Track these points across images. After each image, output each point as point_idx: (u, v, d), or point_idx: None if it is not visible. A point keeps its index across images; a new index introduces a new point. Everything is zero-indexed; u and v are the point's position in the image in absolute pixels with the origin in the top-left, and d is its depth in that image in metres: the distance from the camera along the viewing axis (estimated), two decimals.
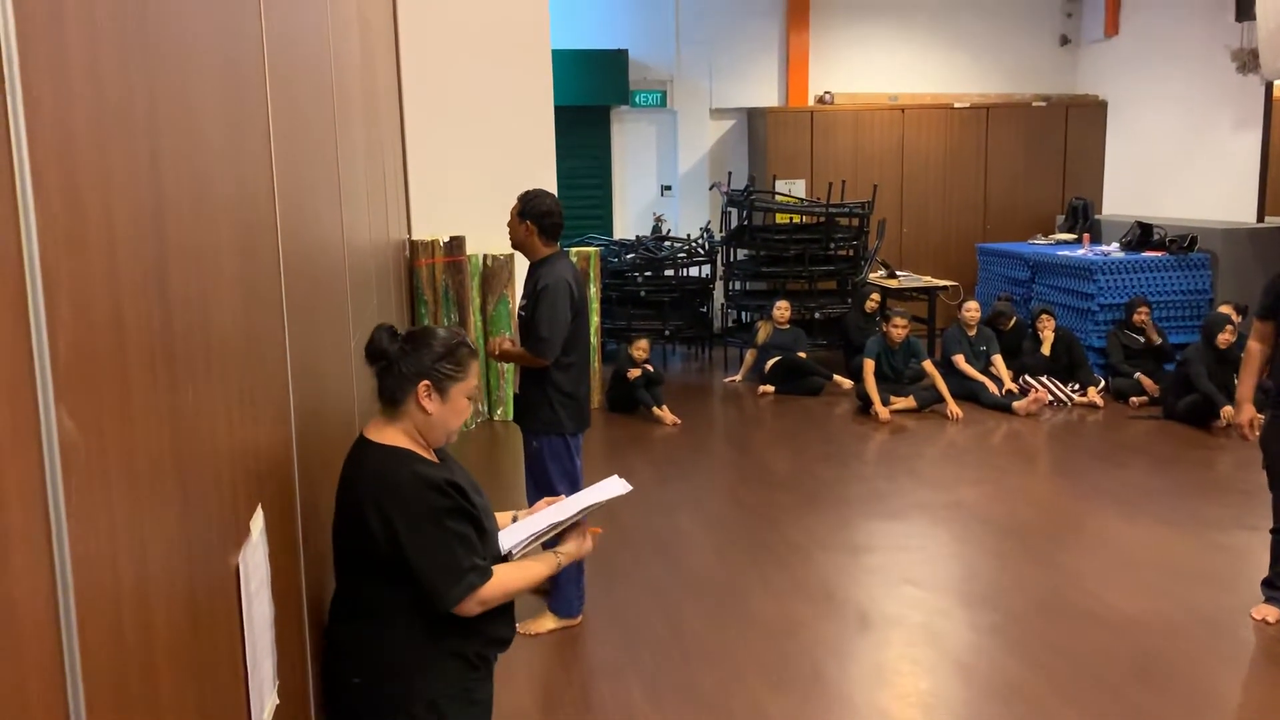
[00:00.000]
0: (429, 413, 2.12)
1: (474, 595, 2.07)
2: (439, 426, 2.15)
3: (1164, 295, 8.33)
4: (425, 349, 2.12)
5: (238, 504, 1.42)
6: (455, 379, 2.14)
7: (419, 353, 2.12)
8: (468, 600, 2.07)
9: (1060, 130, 10.72)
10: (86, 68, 0.91)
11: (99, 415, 0.89)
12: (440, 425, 2.15)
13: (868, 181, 9.88)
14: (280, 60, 1.94)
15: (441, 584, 2.04)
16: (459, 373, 2.15)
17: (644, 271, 8.96)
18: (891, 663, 3.80)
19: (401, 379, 2.11)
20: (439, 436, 2.17)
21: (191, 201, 1.23)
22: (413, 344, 2.13)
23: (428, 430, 2.15)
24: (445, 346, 2.14)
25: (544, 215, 3.86)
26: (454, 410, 2.16)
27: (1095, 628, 4.00)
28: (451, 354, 2.14)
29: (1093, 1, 10.74)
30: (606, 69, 10.01)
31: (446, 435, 2.19)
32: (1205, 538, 4.95)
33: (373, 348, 2.13)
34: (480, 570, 2.09)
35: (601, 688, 3.66)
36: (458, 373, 2.14)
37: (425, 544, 2.03)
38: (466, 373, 2.17)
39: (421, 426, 2.14)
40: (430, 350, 2.12)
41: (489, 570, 2.11)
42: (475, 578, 2.07)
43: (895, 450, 6.61)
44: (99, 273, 0.91)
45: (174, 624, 1.08)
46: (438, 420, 2.14)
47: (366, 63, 4.48)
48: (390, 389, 2.13)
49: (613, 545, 4.89)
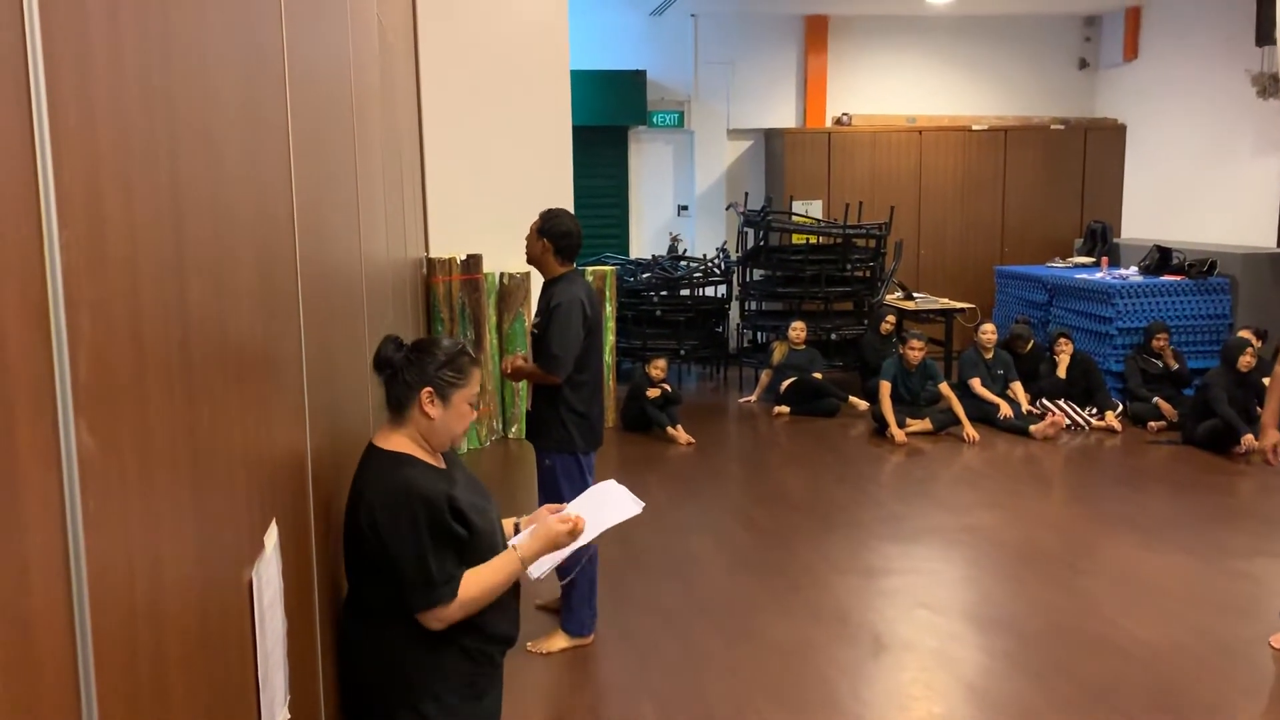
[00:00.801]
0: (432, 418, 2.22)
1: (435, 611, 2.14)
2: (442, 431, 2.25)
3: (1183, 320, 8.27)
4: (428, 357, 2.23)
5: (252, 518, 1.42)
6: (457, 385, 2.24)
7: (422, 361, 2.23)
8: (429, 613, 2.14)
9: (1079, 153, 10.70)
10: (111, 89, 0.93)
11: (118, 430, 0.90)
12: (443, 430, 2.25)
13: (885, 203, 9.88)
14: (300, 79, 1.97)
15: (410, 592, 2.13)
16: (460, 379, 2.25)
17: (660, 291, 8.97)
18: (905, 687, 3.77)
19: (406, 386, 2.22)
20: (443, 441, 2.27)
21: (211, 219, 1.24)
22: (416, 353, 2.24)
23: (431, 435, 2.24)
24: (447, 355, 2.25)
25: (562, 236, 3.88)
26: (456, 415, 2.25)
27: (1112, 654, 3.96)
28: (453, 361, 2.24)
29: (1112, 25, 10.73)
30: (625, 89, 10.06)
31: (450, 440, 2.28)
32: (1225, 565, 4.89)
33: (379, 357, 2.24)
34: (449, 585, 2.15)
35: (613, 707, 3.65)
36: (459, 379, 2.25)
37: (402, 550, 2.11)
38: (468, 379, 2.27)
39: (425, 432, 2.23)
40: (433, 358, 2.23)
41: (456, 585, 2.16)
42: (444, 592, 2.14)
43: (910, 473, 6.58)
44: (120, 287, 0.92)
45: (187, 638, 1.09)
46: (440, 425, 2.23)
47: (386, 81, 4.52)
48: (396, 396, 2.24)
49: (625, 565, 4.88)
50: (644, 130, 10.51)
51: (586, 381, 3.94)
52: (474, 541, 2.20)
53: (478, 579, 2.19)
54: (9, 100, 0.73)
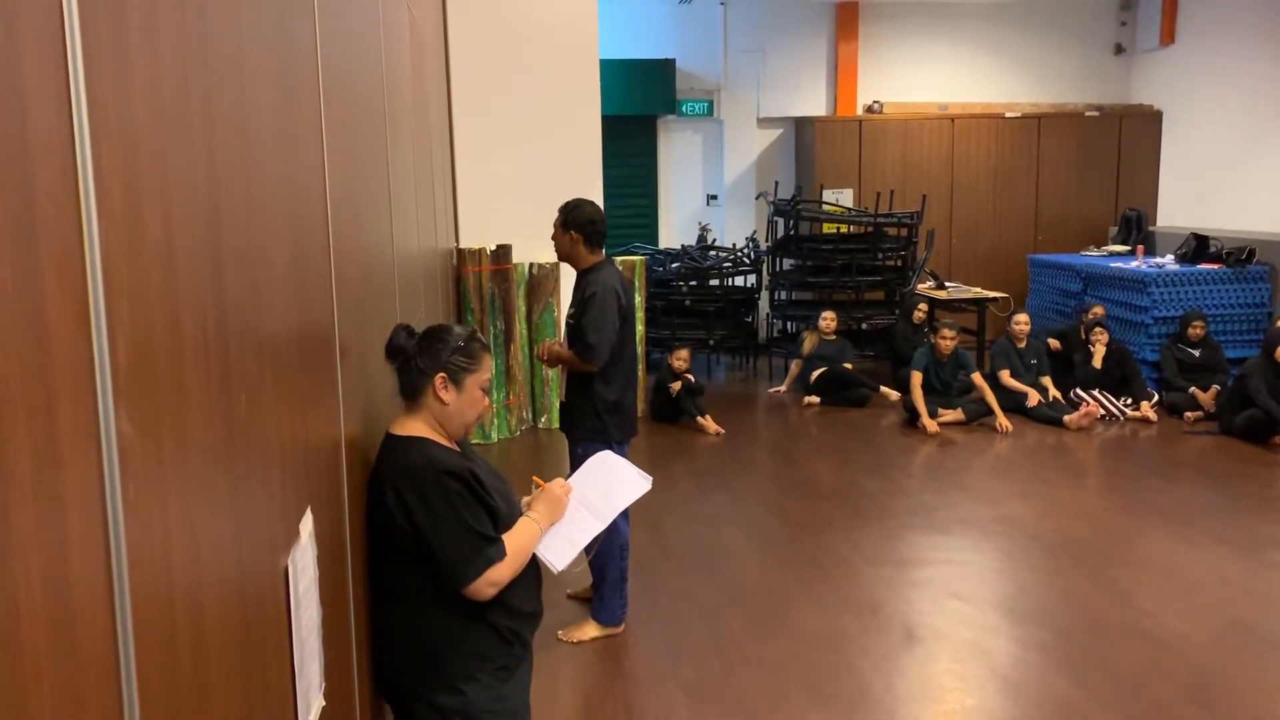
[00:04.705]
0: (446, 403, 2.25)
1: (488, 574, 2.16)
2: (456, 417, 2.27)
3: (1220, 308, 8.15)
4: (440, 344, 2.26)
5: (287, 506, 1.43)
6: (469, 370, 2.27)
7: (434, 348, 2.25)
8: (481, 579, 2.16)
9: (1114, 140, 10.56)
10: (148, 77, 0.93)
11: (156, 417, 0.90)
12: (457, 416, 2.27)
13: (916, 191, 9.79)
14: (333, 68, 1.97)
15: (458, 561, 2.15)
16: (472, 364, 2.28)
17: (689, 281, 8.95)
18: (938, 678, 3.75)
19: (419, 374, 2.25)
20: (457, 427, 2.29)
21: (245, 207, 1.25)
22: (428, 340, 2.27)
23: (446, 421, 2.27)
24: (459, 340, 2.28)
25: (588, 223, 3.88)
26: (470, 401, 2.28)
27: (1148, 646, 3.92)
28: (465, 347, 2.28)
29: (1148, 10, 10.56)
30: (654, 78, 10.03)
31: (465, 426, 2.31)
32: (1263, 556, 4.82)
33: (391, 345, 2.27)
34: (495, 545, 2.19)
35: (643, 696, 3.65)
36: (471, 365, 2.27)
37: (440, 524, 2.14)
38: (479, 364, 2.29)
39: (440, 417, 2.26)
40: (445, 345, 2.26)
41: (503, 546, 2.21)
42: (492, 553, 2.17)
43: (942, 463, 6.53)
44: (157, 277, 0.92)
45: (225, 626, 1.09)
46: (454, 411, 2.26)
47: (417, 73, 4.53)
48: (409, 384, 2.27)
49: (655, 555, 4.88)
50: (673, 119, 10.48)
51: (620, 371, 3.93)
52: (496, 519, 2.25)
53: (513, 539, 2.25)
54: (49, 93, 0.73)
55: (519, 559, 2.25)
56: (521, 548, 2.27)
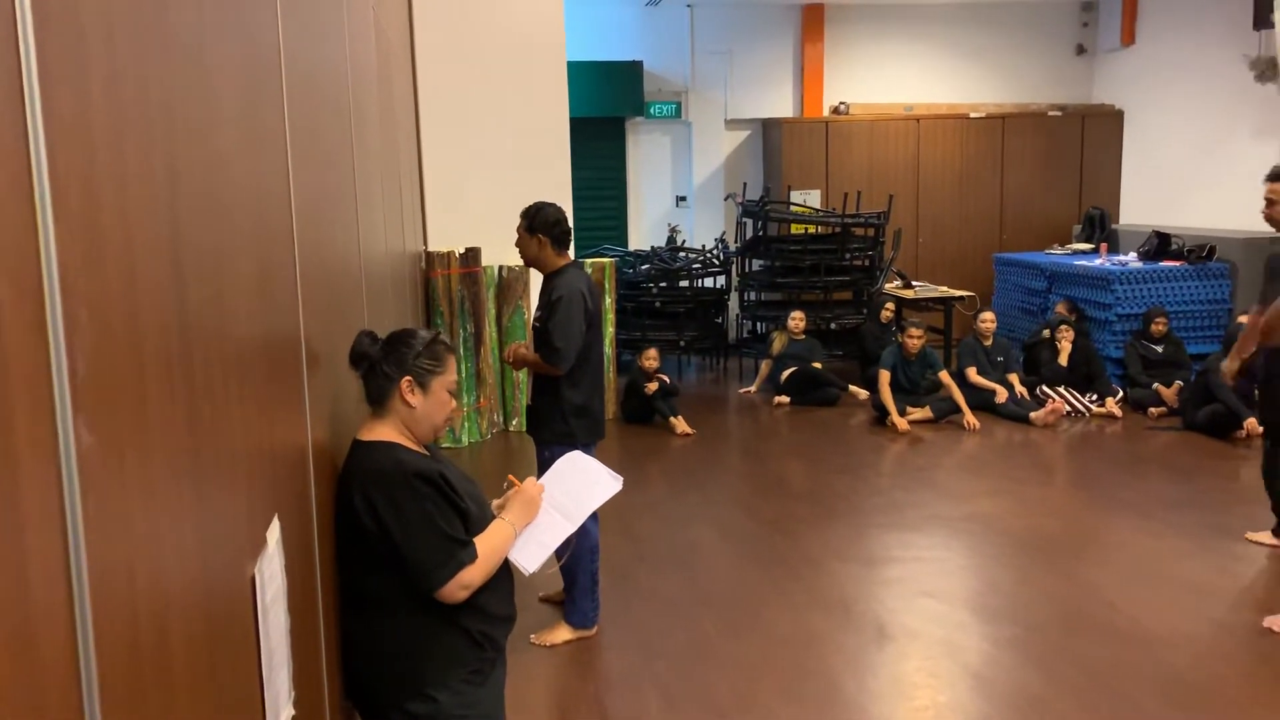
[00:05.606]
0: (413, 407, 2.24)
1: (460, 576, 2.15)
2: (424, 420, 2.27)
3: (1182, 305, 8.26)
4: (405, 348, 2.25)
5: (254, 514, 1.41)
6: (435, 373, 2.27)
7: (399, 352, 2.25)
8: (453, 582, 2.15)
9: (1077, 140, 10.68)
10: (106, 81, 0.91)
11: (117, 427, 0.89)
12: (425, 419, 2.27)
13: (883, 191, 9.86)
14: (297, 72, 1.95)
15: (429, 565, 2.14)
16: (438, 366, 2.28)
17: (659, 282, 8.95)
18: (909, 675, 3.77)
19: (385, 378, 2.24)
20: (426, 431, 2.29)
21: (209, 213, 1.23)
22: (392, 344, 2.27)
23: (414, 425, 2.26)
24: (423, 343, 2.28)
25: (553, 225, 3.88)
26: (437, 403, 2.28)
27: (1116, 642, 3.96)
28: (429, 349, 2.28)
29: (1109, 10, 10.70)
30: (621, 80, 10.03)
31: (433, 429, 2.30)
32: (1227, 549, 4.89)
33: (355, 352, 2.26)
34: (467, 548, 2.18)
35: (617, 698, 3.65)
36: (437, 367, 2.27)
37: (410, 528, 2.13)
38: (445, 366, 2.29)
39: (408, 421, 2.25)
40: (410, 348, 2.26)
41: (474, 548, 2.20)
42: (464, 555, 2.17)
43: (912, 461, 6.57)
44: (117, 284, 0.91)
45: (190, 636, 1.08)
46: (422, 414, 2.26)
47: (383, 75, 4.50)
48: (375, 389, 2.27)
49: (628, 556, 4.87)
50: (641, 121, 10.49)
51: (587, 374, 3.93)
52: (468, 522, 2.24)
53: (485, 541, 2.25)
54: (2, 96, 0.72)
55: (491, 561, 2.24)
56: (494, 550, 2.26)
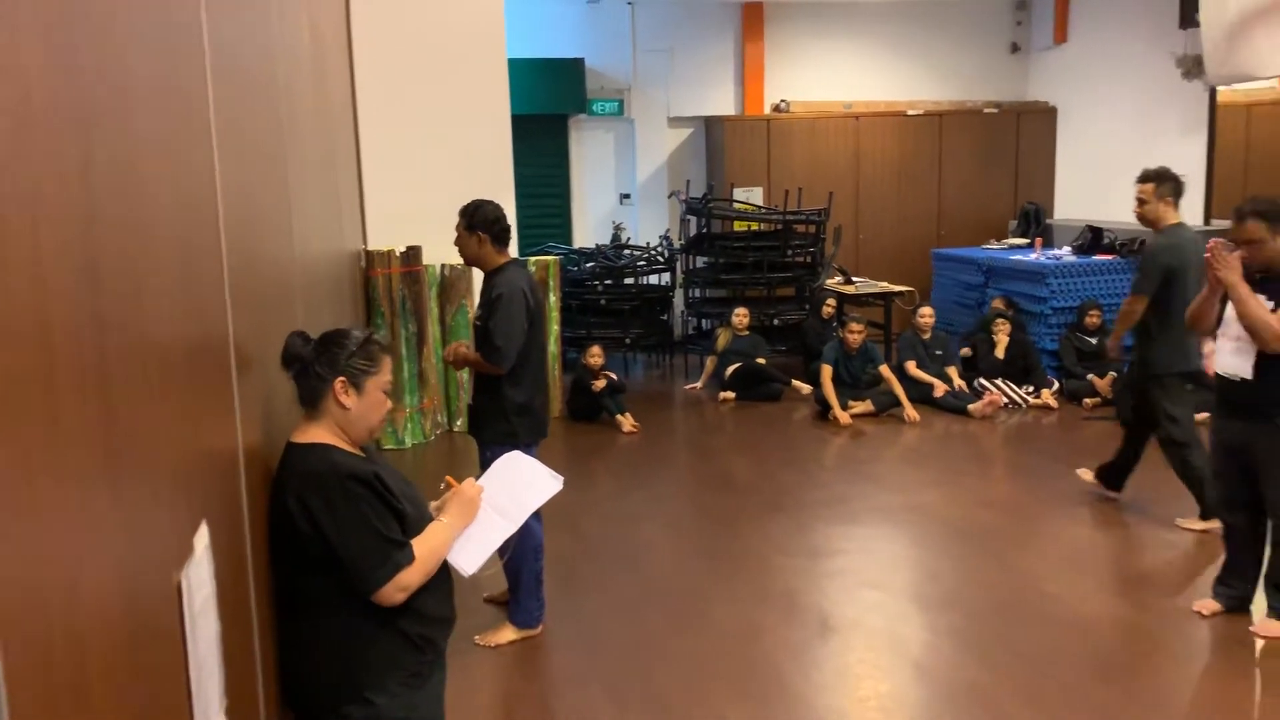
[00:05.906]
0: (348, 408, 2.21)
1: (397, 578, 2.13)
2: (359, 421, 2.24)
3: (1115, 298, 8.43)
4: (338, 348, 2.22)
5: (179, 520, 1.39)
6: (369, 373, 2.24)
7: (331, 352, 2.21)
8: (390, 584, 2.13)
9: (1012, 136, 10.86)
10: (9, 75, 0.89)
11: (23, 436, 0.86)
12: (360, 420, 2.24)
13: (824, 189, 9.94)
14: (223, 62, 1.91)
15: (366, 567, 2.11)
16: (372, 367, 2.24)
17: (604, 280, 8.94)
18: (852, 666, 3.81)
19: (318, 379, 2.20)
20: (361, 431, 2.25)
21: (127, 215, 1.20)
22: (325, 345, 2.23)
23: (349, 426, 2.23)
24: (357, 343, 2.24)
25: (493, 222, 3.86)
26: (372, 404, 2.24)
27: (1053, 628, 4.04)
28: (363, 349, 2.24)
29: (1042, 9, 10.90)
30: (563, 78, 9.99)
31: (369, 430, 2.27)
32: (1160, 537, 5.02)
33: (287, 353, 2.21)
34: (404, 550, 2.16)
35: (564, 697, 3.64)
36: (371, 367, 2.24)
37: (346, 530, 2.10)
38: (379, 366, 2.26)
39: (342, 423, 2.22)
40: (343, 349, 2.22)
41: (411, 550, 2.18)
42: (400, 557, 2.14)
43: (854, 454, 6.65)
44: (23, 289, 0.88)
45: (111, 650, 1.05)
46: (357, 415, 2.23)
47: (318, 72, 4.43)
48: (309, 391, 2.23)
49: (574, 554, 4.86)
50: (584, 119, 10.46)
51: (529, 372, 3.91)
52: (405, 524, 2.21)
53: (424, 542, 2.23)
54: None
55: (430, 563, 2.22)
56: (432, 551, 2.24)
